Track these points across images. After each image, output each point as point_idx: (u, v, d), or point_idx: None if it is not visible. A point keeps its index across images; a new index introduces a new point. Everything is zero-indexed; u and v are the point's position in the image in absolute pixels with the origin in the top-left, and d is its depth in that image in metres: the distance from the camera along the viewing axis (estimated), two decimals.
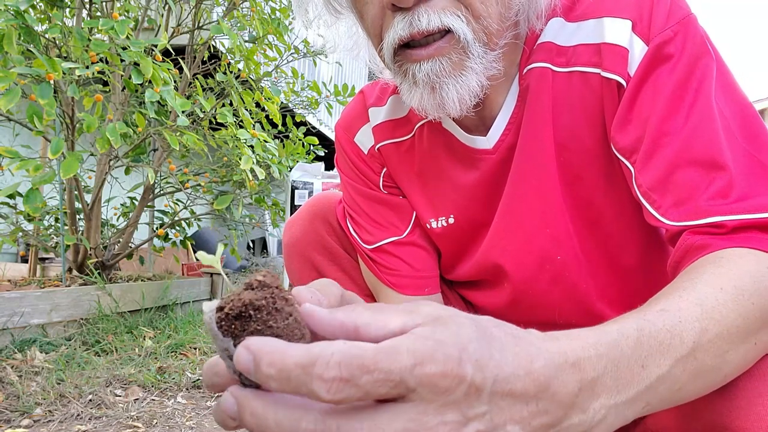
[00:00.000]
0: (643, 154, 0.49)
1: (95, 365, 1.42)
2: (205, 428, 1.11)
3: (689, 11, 0.51)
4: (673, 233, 0.47)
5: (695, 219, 0.45)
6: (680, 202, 0.46)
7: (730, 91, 0.50)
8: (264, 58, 2.32)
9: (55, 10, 1.67)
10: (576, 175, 0.57)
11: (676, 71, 0.49)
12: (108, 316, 1.78)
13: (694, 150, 0.46)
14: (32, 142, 2.84)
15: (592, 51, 0.53)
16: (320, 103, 2.67)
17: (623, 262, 0.60)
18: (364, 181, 0.70)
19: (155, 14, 2.49)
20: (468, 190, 0.63)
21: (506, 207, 0.61)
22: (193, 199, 2.42)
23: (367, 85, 0.73)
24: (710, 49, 0.50)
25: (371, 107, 0.69)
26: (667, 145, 0.48)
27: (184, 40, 2.29)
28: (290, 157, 2.45)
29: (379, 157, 0.69)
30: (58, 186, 1.95)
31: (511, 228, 0.61)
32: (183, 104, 1.58)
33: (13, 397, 1.18)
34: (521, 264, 0.62)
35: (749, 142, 0.47)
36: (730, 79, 0.51)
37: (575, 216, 0.58)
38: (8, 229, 1.98)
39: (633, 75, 0.50)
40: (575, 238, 0.59)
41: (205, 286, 2.42)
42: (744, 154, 0.46)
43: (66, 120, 1.76)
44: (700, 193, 0.45)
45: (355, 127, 0.70)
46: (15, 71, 1.27)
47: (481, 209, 0.63)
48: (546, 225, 0.59)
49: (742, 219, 0.43)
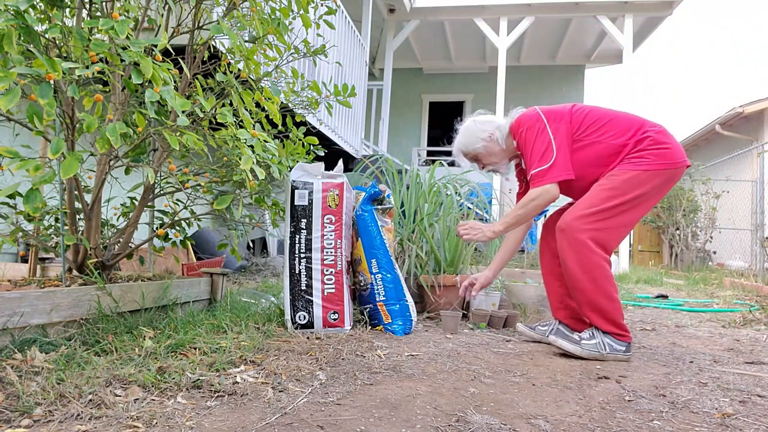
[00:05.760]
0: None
1: (95, 365, 1.42)
2: (205, 428, 1.11)
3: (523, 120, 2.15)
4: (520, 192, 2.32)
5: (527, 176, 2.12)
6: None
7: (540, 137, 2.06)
8: (264, 58, 2.32)
9: (55, 10, 1.66)
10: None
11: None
12: (108, 316, 1.78)
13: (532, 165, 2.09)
14: (32, 142, 2.84)
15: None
16: (320, 103, 2.66)
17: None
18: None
19: (155, 14, 2.49)
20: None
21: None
22: (193, 199, 2.42)
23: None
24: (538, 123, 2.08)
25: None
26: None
27: (184, 40, 2.29)
28: (290, 157, 2.45)
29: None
30: (58, 186, 1.95)
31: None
32: (183, 104, 1.58)
33: (13, 397, 1.18)
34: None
35: (541, 154, 2.04)
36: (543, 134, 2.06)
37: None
38: (8, 229, 1.98)
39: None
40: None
41: (205, 286, 2.42)
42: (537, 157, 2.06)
43: (66, 120, 1.76)
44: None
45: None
46: (15, 71, 1.27)
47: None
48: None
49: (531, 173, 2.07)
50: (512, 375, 1.69)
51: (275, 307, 2.46)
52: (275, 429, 1.13)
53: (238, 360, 1.62)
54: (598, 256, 1.93)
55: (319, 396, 1.36)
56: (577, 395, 1.49)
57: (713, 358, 2.06)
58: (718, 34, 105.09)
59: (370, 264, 2.35)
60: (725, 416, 1.33)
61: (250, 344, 1.79)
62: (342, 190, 2.26)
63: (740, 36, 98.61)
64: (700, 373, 1.80)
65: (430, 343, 2.13)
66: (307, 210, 2.23)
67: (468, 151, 2.27)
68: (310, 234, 2.21)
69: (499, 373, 1.70)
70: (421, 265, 2.96)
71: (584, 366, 1.85)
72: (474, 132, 2.24)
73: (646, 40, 9.20)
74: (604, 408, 1.38)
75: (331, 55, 5.51)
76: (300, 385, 1.44)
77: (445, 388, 1.50)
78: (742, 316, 3.16)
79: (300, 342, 1.96)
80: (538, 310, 3.07)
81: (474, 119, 2.30)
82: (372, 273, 2.35)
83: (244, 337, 1.88)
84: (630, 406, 1.40)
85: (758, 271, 6.94)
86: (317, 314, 2.17)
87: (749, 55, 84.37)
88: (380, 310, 2.32)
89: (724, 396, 1.52)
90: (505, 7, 8.30)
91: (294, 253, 2.22)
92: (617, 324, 1.95)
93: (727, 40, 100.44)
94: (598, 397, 1.47)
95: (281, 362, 1.65)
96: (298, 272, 2.20)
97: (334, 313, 2.19)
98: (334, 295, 2.19)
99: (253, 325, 2.10)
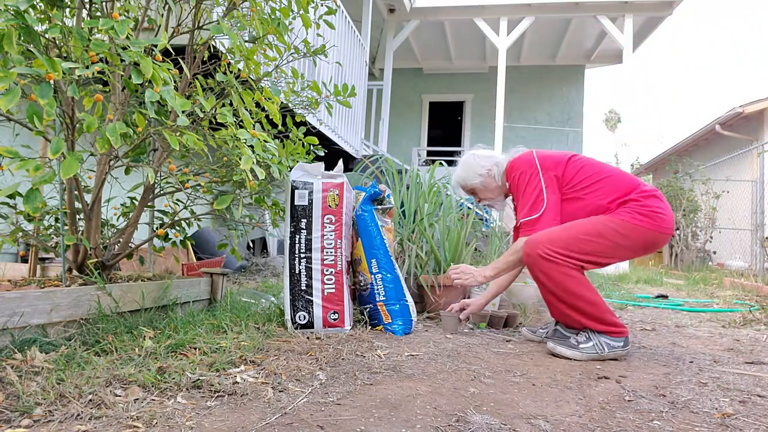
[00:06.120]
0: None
1: (95, 365, 1.42)
2: (205, 428, 1.11)
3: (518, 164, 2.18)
4: (516, 228, 2.19)
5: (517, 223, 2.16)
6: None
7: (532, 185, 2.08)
8: (264, 58, 2.32)
9: (55, 10, 1.66)
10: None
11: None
12: (108, 316, 1.78)
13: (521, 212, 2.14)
14: (32, 142, 2.84)
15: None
16: (320, 103, 2.66)
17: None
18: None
19: (155, 14, 2.49)
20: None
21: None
22: (193, 199, 2.42)
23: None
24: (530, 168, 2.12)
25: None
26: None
27: (184, 40, 2.29)
28: (290, 157, 2.45)
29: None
30: (58, 186, 1.95)
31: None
32: (183, 104, 1.58)
33: (13, 397, 1.18)
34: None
35: (531, 203, 2.07)
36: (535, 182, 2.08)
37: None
38: (8, 229, 1.98)
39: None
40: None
41: (205, 286, 2.42)
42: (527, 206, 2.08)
43: (66, 120, 1.76)
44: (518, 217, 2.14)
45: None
46: (15, 71, 1.27)
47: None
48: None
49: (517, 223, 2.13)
50: (512, 375, 1.69)
51: (275, 307, 2.46)
52: (275, 429, 1.13)
53: (238, 360, 1.62)
54: (564, 266, 1.93)
55: (319, 396, 1.36)
56: (577, 395, 1.49)
57: (713, 358, 2.06)
58: (718, 34, 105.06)
59: (370, 264, 2.35)
60: (725, 416, 1.33)
61: (250, 344, 1.79)
62: (342, 190, 2.26)
63: (740, 36, 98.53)
64: (700, 373, 1.80)
65: (430, 343, 2.13)
66: (307, 210, 2.23)
67: (465, 184, 2.31)
68: (310, 234, 2.21)
69: (499, 373, 1.70)
70: (421, 265, 2.96)
71: (584, 366, 1.85)
72: (472, 167, 2.26)
73: (646, 40, 9.20)
74: (604, 408, 1.38)
75: (331, 55, 5.51)
76: (300, 385, 1.44)
77: (445, 388, 1.50)
78: (742, 316, 3.16)
79: (300, 342, 1.96)
80: (537, 310, 3.07)
81: (474, 153, 2.32)
82: (372, 273, 2.35)
83: (244, 337, 1.88)
84: (630, 406, 1.40)
85: (758, 271, 6.94)
86: (317, 314, 2.17)
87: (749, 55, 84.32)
88: (380, 310, 2.32)
89: (724, 396, 1.52)
90: (505, 7, 8.30)
91: (294, 253, 2.22)
92: (608, 322, 1.96)
93: (727, 40, 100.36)
94: (598, 397, 1.47)
95: (281, 362, 1.65)
96: (298, 272, 2.20)
97: (334, 313, 2.19)
98: (334, 295, 2.19)
99: (253, 325, 2.10)
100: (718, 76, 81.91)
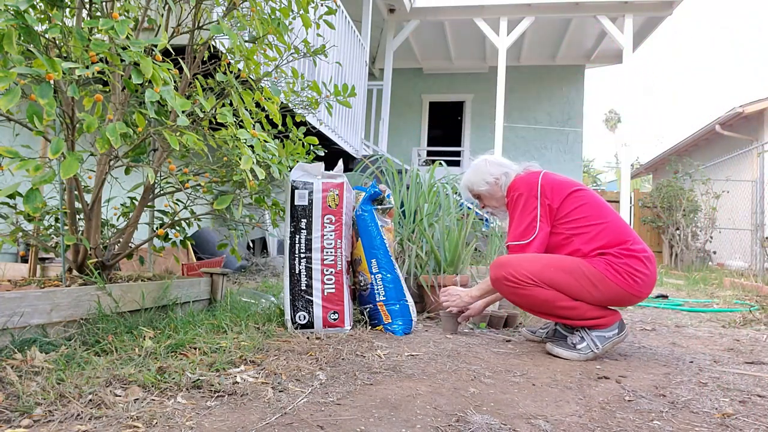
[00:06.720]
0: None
1: (95, 365, 1.42)
2: (205, 428, 1.11)
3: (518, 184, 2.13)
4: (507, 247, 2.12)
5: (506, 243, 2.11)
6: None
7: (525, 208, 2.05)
8: (264, 58, 2.32)
9: (55, 10, 1.66)
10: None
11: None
12: (108, 316, 1.78)
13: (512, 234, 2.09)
14: (32, 142, 2.84)
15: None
16: (320, 103, 2.66)
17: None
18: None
19: (155, 14, 2.49)
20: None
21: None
22: (193, 199, 2.42)
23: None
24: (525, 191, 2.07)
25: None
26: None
27: (184, 40, 2.29)
28: (290, 157, 2.45)
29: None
30: (58, 186, 1.95)
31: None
32: (183, 104, 1.58)
33: (13, 397, 1.18)
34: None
35: (524, 227, 2.04)
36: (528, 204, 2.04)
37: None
38: (8, 229, 1.98)
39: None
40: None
41: (205, 286, 2.42)
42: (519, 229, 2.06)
43: (66, 120, 1.76)
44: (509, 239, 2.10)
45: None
46: (15, 71, 1.27)
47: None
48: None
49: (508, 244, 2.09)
50: (512, 375, 1.69)
51: (275, 307, 2.46)
52: (275, 429, 1.13)
53: (238, 360, 1.62)
54: (529, 287, 1.94)
55: (319, 396, 1.36)
56: (577, 395, 1.49)
57: (713, 358, 2.06)
58: (718, 34, 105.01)
59: (370, 264, 2.35)
60: (725, 416, 1.33)
61: (250, 344, 1.79)
62: (342, 190, 2.26)
63: (740, 36, 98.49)
64: (700, 373, 1.80)
65: (430, 343, 2.13)
66: (307, 210, 2.23)
67: (472, 189, 2.30)
68: (310, 234, 2.21)
69: (499, 373, 1.70)
70: (421, 265, 2.96)
71: (584, 366, 1.85)
72: (482, 172, 2.24)
73: (646, 40, 9.20)
74: (604, 408, 1.38)
75: (331, 55, 5.51)
76: (300, 385, 1.44)
77: (445, 388, 1.50)
78: (742, 316, 3.16)
79: (300, 342, 1.96)
80: None
81: (486, 159, 2.30)
82: (372, 273, 2.35)
83: (244, 337, 1.88)
84: (630, 406, 1.40)
85: (758, 271, 6.94)
86: (317, 314, 2.17)
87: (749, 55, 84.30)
88: (380, 310, 2.32)
89: (724, 396, 1.53)
90: (505, 7, 8.30)
91: (294, 253, 2.22)
92: (592, 315, 1.95)
93: (727, 40, 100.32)
94: (598, 397, 1.47)
95: (281, 362, 1.65)
96: (298, 272, 2.20)
97: (334, 313, 2.19)
98: (334, 295, 2.19)
99: (253, 325, 2.10)
100: (718, 76, 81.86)
